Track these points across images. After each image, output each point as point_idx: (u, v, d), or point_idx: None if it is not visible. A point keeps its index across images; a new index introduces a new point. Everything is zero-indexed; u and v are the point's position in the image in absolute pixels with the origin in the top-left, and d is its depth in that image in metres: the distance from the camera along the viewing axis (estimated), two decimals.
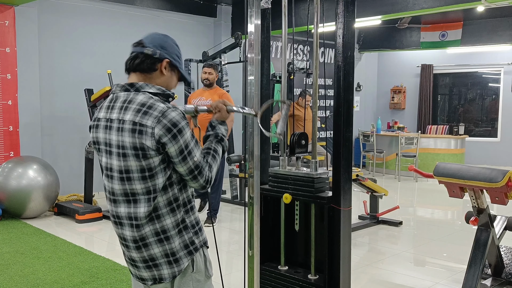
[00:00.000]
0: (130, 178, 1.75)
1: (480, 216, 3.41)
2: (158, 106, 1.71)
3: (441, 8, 6.61)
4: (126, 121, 1.72)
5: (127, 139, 1.71)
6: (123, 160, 1.74)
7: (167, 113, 1.70)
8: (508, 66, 10.45)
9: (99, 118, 1.84)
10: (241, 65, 7.62)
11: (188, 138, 1.73)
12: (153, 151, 1.70)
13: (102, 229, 5.71)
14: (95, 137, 1.85)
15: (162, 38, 1.86)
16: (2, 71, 6.41)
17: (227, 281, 3.95)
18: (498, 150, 10.60)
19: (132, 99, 1.75)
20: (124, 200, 1.79)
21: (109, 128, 1.77)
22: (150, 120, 1.69)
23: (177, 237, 1.80)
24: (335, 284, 2.61)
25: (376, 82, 12.21)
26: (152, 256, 1.81)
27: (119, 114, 1.75)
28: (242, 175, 6.78)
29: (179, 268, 1.82)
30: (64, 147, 7.06)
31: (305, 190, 2.70)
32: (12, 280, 3.96)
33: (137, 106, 1.72)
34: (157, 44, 1.83)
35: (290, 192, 2.74)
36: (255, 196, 2.60)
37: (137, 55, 1.81)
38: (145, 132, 1.68)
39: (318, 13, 2.67)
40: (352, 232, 4.29)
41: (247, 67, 2.56)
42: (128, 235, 1.82)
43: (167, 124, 1.68)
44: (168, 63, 1.84)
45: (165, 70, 1.83)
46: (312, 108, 2.91)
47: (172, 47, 1.87)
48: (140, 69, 1.80)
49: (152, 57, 1.80)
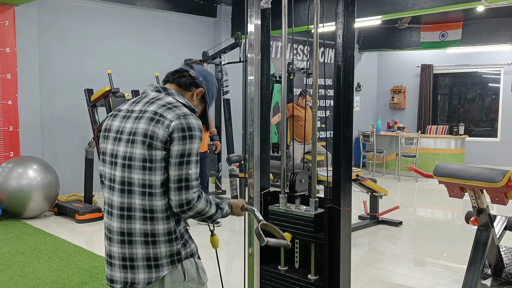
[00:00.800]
0: (131, 166, 1.76)
1: (480, 216, 3.41)
2: (184, 108, 1.80)
3: (441, 8, 6.61)
4: (148, 111, 1.79)
5: (141, 126, 1.76)
6: (130, 146, 1.77)
7: (189, 117, 1.76)
8: (508, 66, 10.45)
9: (121, 109, 1.90)
10: (241, 65, 7.62)
11: (194, 149, 1.76)
12: (160, 142, 1.72)
13: (102, 229, 5.68)
14: (108, 124, 1.89)
15: (209, 74, 2.01)
16: (2, 71, 6.40)
17: (227, 281, 3.95)
18: (498, 150, 10.60)
19: (161, 98, 1.84)
20: (120, 189, 1.79)
21: (127, 117, 1.83)
22: (171, 114, 1.75)
23: (165, 245, 1.78)
24: (335, 284, 2.61)
25: (376, 82, 12.21)
26: (133, 255, 1.78)
27: (143, 107, 1.82)
28: (242, 175, 6.77)
29: (157, 275, 1.78)
30: (64, 147, 7.06)
31: (305, 230, 2.70)
32: (12, 280, 3.96)
33: (163, 102, 1.81)
34: (203, 74, 1.97)
35: (289, 231, 2.74)
36: (255, 196, 2.60)
37: (183, 72, 1.94)
38: (162, 122, 1.73)
39: (318, 13, 2.67)
40: (352, 232, 4.29)
41: (247, 67, 2.56)
42: (116, 226, 1.80)
43: (184, 124, 1.74)
44: (202, 93, 1.94)
45: (196, 97, 1.94)
46: (312, 108, 2.91)
47: (212, 85, 2.00)
48: (178, 83, 1.92)
49: (193, 79, 1.92)
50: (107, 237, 1.86)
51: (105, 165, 1.86)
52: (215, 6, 8.69)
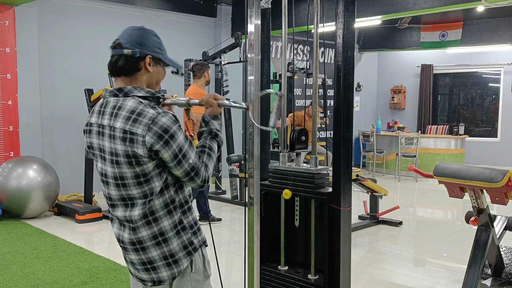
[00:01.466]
0: (126, 185, 1.74)
1: (480, 216, 3.41)
2: (148, 112, 1.67)
3: (441, 8, 6.61)
4: (117, 129, 1.69)
5: (119, 147, 1.69)
6: (116, 167, 1.72)
7: (157, 119, 1.65)
8: (508, 66, 10.45)
9: (92, 123, 1.82)
10: (241, 65, 7.62)
11: (181, 141, 1.70)
12: (146, 158, 1.68)
13: (102, 229, 5.71)
14: (89, 142, 1.84)
15: (139, 33, 1.79)
16: (2, 71, 6.40)
17: (227, 281, 3.95)
18: (498, 150, 10.59)
19: (121, 106, 1.71)
20: (122, 204, 1.79)
21: (102, 134, 1.76)
22: (140, 128, 1.65)
23: (176, 238, 1.79)
24: (335, 284, 2.61)
25: (376, 82, 12.21)
26: (150, 259, 1.81)
27: (110, 121, 1.72)
28: (242, 175, 6.77)
29: (179, 269, 1.81)
30: (64, 147, 7.07)
31: (305, 186, 2.71)
32: (12, 280, 3.96)
33: (126, 113, 1.68)
34: (135, 42, 1.75)
35: (290, 188, 2.75)
36: (255, 196, 2.60)
37: (118, 58, 1.76)
38: (136, 141, 1.65)
39: (318, 13, 2.67)
40: (352, 232, 4.29)
41: (247, 67, 2.56)
42: (126, 237, 1.82)
43: (158, 131, 1.65)
44: (151, 58, 1.77)
45: (150, 66, 1.78)
46: (313, 109, 2.91)
47: (151, 40, 1.80)
48: (124, 72, 1.76)
49: (133, 57, 1.74)
50: (121, 246, 1.88)
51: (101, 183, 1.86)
52: (215, 6, 8.69)
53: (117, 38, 1.79)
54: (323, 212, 2.65)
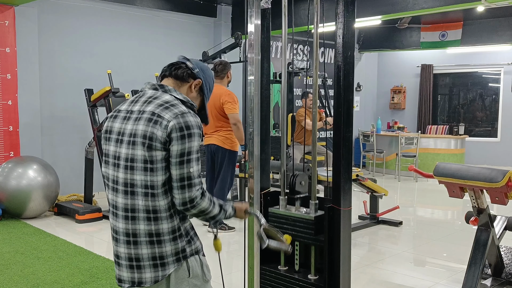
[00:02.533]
0: (133, 168, 1.76)
1: (480, 216, 3.41)
2: (181, 106, 1.79)
3: (441, 8, 6.61)
4: (146, 111, 1.78)
5: (140, 127, 1.76)
6: (131, 148, 1.77)
7: (186, 115, 1.76)
8: (508, 66, 10.45)
9: (120, 109, 1.90)
10: (241, 65, 7.62)
11: (194, 147, 1.75)
12: (160, 143, 1.72)
13: (102, 229, 5.71)
14: (109, 126, 1.88)
15: (206, 66, 2.02)
16: (2, 71, 6.40)
17: (227, 281, 3.95)
18: (498, 150, 10.60)
19: (158, 96, 1.83)
20: (123, 190, 1.80)
21: (127, 118, 1.83)
22: (168, 114, 1.74)
23: (170, 244, 1.79)
24: (335, 284, 2.61)
25: (376, 82, 12.21)
26: (139, 256, 1.80)
27: (141, 107, 1.81)
28: (242, 175, 6.77)
29: (164, 273, 1.80)
30: (64, 147, 7.06)
31: (305, 232, 2.70)
32: (12, 280, 3.96)
33: (161, 102, 1.80)
34: (199, 66, 1.97)
35: (289, 233, 2.74)
36: (255, 196, 2.60)
37: (180, 64, 1.95)
38: (160, 123, 1.73)
39: (318, 13, 2.67)
40: (352, 232, 4.28)
41: (247, 67, 2.56)
42: (121, 227, 1.82)
43: (182, 123, 1.73)
44: (199, 84, 1.95)
45: (194, 89, 1.94)
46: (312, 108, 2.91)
47: (209, 77, 2.00)
48: (175, 75, 1.92)
49: (190, 70, 1.93)
50: (113, 237, 1.89)
51: (108, 166, 1.86)
52: (215, 6, 8.69)
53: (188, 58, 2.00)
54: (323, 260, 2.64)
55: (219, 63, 5.53)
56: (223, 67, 5.47)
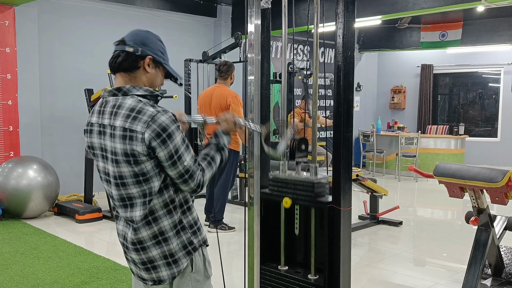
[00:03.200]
0: (125, 184, 1.75)
1: (480, 216, 3.41)
2: (147, 110, 1.68)
3: (441, 8, 6.61)
4: (117, 127, 1.71)
5: (118, 146, 1.70)
6: (116, 166, 1.74)
7: (157, 117, 1.67)
8: (508, 66, 10.45)
9: (92, 123, 1.83)
10: (241, 65, 7.62)
11: (178, 142, 1.71)
12: (144, 156, 1.68)
13: (102, 229, 5.71)
14: (89, 142, 1.85)
15: (144, 34, 1.82)
16: (2, 71, 6.40)
17: (227, 281, 3.95)
18: (498, 150, 10.59)
19: (120, 104, 1.73)
20: (121, 205, 1.81)
21: (103, 133, 1.77)
22: (139, 126, 1.66)
23: (175, 238, 1.80)
24: (335, 284, 2.61)
25: (376, 82, 12.20)
26: (151, 258, 1.82)
27: (110, 120, 1.74)
28: (242, 175, 6.77)
29: (178, 269, 1.82)
30: (64, 147, 7.06)
31: (305, 195, 2.70)
32: (12, 280, 3.96)
33: (126, 112, 1.70)
34: (138, 41, 1.78)
35: (290, 196, 2.74)
36: (255, 196, 2.60)
37: (118, 53, 1.78)
38: (136, 138, 1.67)
39: (318, 13, 2.67)
40: (352, 232, 4.28)
41: (247, 67, 2.56)
42: (129, 237, 1.83)
43: (157, 128, 1.66)
44: (151, 59, 1.79)
45: (149, 67, 1.79)
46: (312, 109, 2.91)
47: (155, 43, 1.83)
48: (123, 68, 1.77)
49: (134, 55, 1.76)
50: (123, 244, 1.89)
51: (103, 182, 1.87)
52: (215, 6, 8.69)
53: (123, 37, 1.82)
54: (323, 221, 2.65)
55: (224, 63, 5.51)
56: (227, 68, 5.45)
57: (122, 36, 1.87)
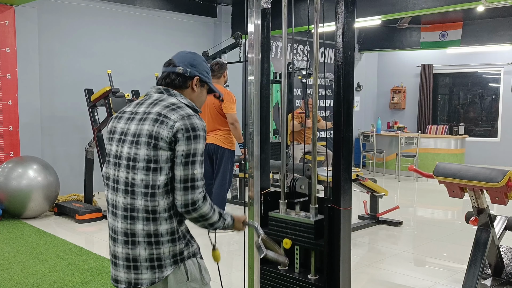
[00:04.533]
0: (135, 167, 1.77)
1: (480, 216, 3.41)
2: (187, 109, 1.81)
3: (441, 8, 6.61)
4: (152, 112, 1.80)
5: (145, 127, 1.77)
6: (134, 147, 1.78)
7: (192, 117, 1.78)
8: (508, 66, 10.45)
9: (125, 111, 1.91)
10: (241, 65, 7.62)
11: (198, 149, 1.77)
12: (165, 143, 1.73)
13: (102, 229, 5.71)
14: (113, 126, 1.90)
15: (191, 56, 1.96)
16: (2, 71, 6.40)
17: (227, 281, 3.96)
18: (498, 150, 10.60)
19: (164, 99, 1.85)
20: (124, 190, 1.80)
21: (132, 119, 1.84)
22: (174, 115, 1.76)
23: (168, 245, 1.79)
24: (335, 284, 2.61)
25: (376, 82, 12.21)
26: (136, 256, 1.79)
27: (147, 108, 1.83)
28: (242, 175, 6.77)
29: (161, 275, 1.79)
30: (64, 147, 7.07)
31: (305, 236, 2.70)
32: (12, 280, 3.96)
33: (167, 103, 1.82)
34: (187, 62, 1.92)
35: (289, 237, 2.74)
36: (255, 196, 2.60)
37: (168, 74, 1.91)
38: (166, 123, 1.74)
39: (318, 13, 2.67)
40: (352, 232, 4.29)
41: (247, 67, 2.56)
42: (120, 227, 1.81)
43: (188, 124, 1.75)
44: (198, 80, 1.93)
45: (196, 86, 1.94)
46: (312, 109, 2.91)
47: (201, 65, 1.97)
48: (174, 85, 1.91)
49: (183, 76, 1.90)
50: (111, 237, 1.87)
51: (109, 166, 1.87)
52: (215, 6, 8.69)
53: (171, 58, 1.95)
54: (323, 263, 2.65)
55: (215, 63, 5.61)
56: (219, 67, 5.56)
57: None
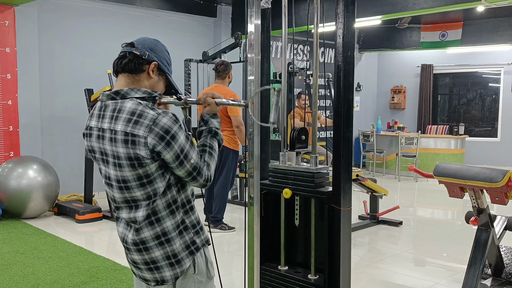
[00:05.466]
0: (129, 187, 1.75)
1: (480, 216, 3.41)
2: (148, 113, 1.68)
3: (441, 8, 6.61)
4: (118, 132, 1.70)
5: (121, 150, 1.70)
6: (119, 170, 1.73)
7: (158, 120, 1.67)
8: (508, 66, 10.45)
9: (91, 126, 1.83)
10: (241, 65, 7.62)
11: (182, 142, 1.71)
12: (148, 159, 1.68)
13: (102, 229, 5.71)
14: (89, 145, 1.85)
15: (152, 42, 1.85)
16: (2, 71, 6.40)
17: (227, 281, 3.96)
18: (498, 150, 10.59)
19: (121, 108, 1.73)
20: (126, 206, 1.80)
21: (102, 137, 1.76)
22: (141, 130, 1.66)
23: (178, 238, 1.80)
24: (335, 284, 2.61)
25: (376, 82, 12.21)
26: (153, 259, 1.82)
27: (110, 124, 1.73)
28: (242, 175, 6.77)
29: (181, 269, 1.82)
30: (64, 147, 7.06)
31: (305, 185, 2.71)
32: (12, 280, 3.96)
33: (127, 116, 1.70)
34: (147, 46, 1.81)
35: (290, 187, 2.75)
36: (255, 196, 2.60)
37: (125, 54, 1.79)
38: (138, 142, 1.66)
39: (318, 13, 2.67)
40: (352, 232, 4.28)
41: (247, 67, 2.56)
42: (130, 238, 1.83)
43: (160, 132, 1.66)
44: (156, 66, 1.81)
45: (153, 73, 1.81)
46: (311, 107, 2.91)
47: (162, 52, 1.85)
48: (128, 69, 1.78)
49: (140, 58, 1.78)
50: (124, 246, 1.89)
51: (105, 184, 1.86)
52: (215, 6, 8.69)
53: (132, 41, 1.83)
54: (323, 211, 2.65)
55: (220, 63, 5.52)
56: (225, 67, 5.47)
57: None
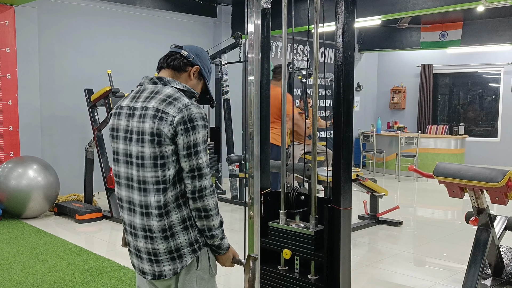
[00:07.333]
0: (144, 165, 1.79)
1: (480, 216, 3.41)
2: (184, 99, 1.81)
3: (441, 8, 6.61)
4: (150, 108, 1.80)
5: (147, 125, 1.78)
6: (140, 145, 1.80)
7: (190, 108, 1.78)
8: (508, 66, 10.45)
9: (122, 106, 1.91)
10: (241, 65, 7.62)
11: (199, 138, 1.78)
12: (168, 138, 1.75)
13: (102, 229, 5.71)
14: (115, 123, 1.91)
15: (199, 49, 2.01)
16: (2, 71, 6.40)
17: (227, 281, 3.96)
18: (498, 150, 10.60)
19: (159, 91, 1.84)
20: (138, 187, 1.83)
21: (132, 115, 1.85)
22: (172, 110, 1.76)
23: (183, 234, 1.82)
24: (335, 284, 2.61)
25: (376, 82, 12.21)
26: (156, 251, 1.83)
27: (144, 103, 1.83)
28: (242, 175, 6.78)
29: (182, 265, 1.83)
30: (64, 147, 7.06)
31: (304, 247, 2.70)
32: (12, 280, 3.96)
33: (163, 96, 1.81)
34: (193, 51, 1.96)
35: (289, 248, 2.74)
36: (255, 196, 2.60)
37: (172, 53, 1.94)
38: (166, 119, 1.75)
39: (318, 13, 2.67)
40: (352, 232, 4.29)
41: (247, 67, 2.56)
42: (138, 223, 1.84)
43: (186, 116, 1.75)
44: (197, 70, 1.95)
45: (193, 75, 1.95)
46: (312, 108, 2.91)
47: (206, 60, 2.01)
48: (172, 66, 1.92)
49: (186, 59, 1.93)
50: (130, 233, 1.90)
51: (119, 164, 1.89)
52: (215, 6, 8.69)
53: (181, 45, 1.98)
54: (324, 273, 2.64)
55: (278, 66, 5.71)
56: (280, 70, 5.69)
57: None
